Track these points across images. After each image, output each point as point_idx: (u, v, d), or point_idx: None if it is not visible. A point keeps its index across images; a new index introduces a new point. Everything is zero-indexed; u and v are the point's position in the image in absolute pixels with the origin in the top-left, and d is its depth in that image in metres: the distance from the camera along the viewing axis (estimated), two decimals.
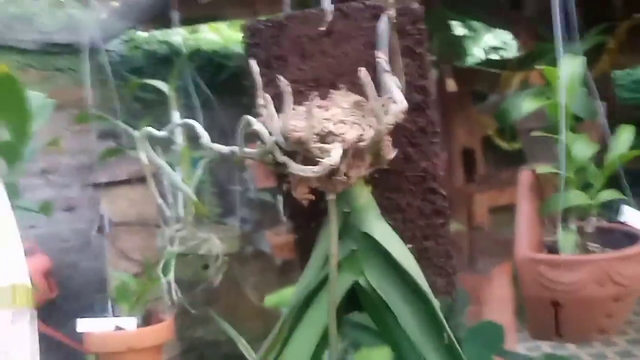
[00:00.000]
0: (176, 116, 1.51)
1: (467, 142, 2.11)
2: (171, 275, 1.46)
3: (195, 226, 1.56)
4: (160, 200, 1.08)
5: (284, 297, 1.24)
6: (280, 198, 1.76)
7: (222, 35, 2.84)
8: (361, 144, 0.53)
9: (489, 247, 1.91)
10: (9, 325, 0.30)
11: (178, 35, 2.32)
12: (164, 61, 2.34)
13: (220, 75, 2.45)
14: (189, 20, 2.30)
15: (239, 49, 2.62)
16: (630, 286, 0.82)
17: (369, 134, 0.53)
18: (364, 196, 0.58)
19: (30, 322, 0.30)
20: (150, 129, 0.60)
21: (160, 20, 2.00)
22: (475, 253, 1.95)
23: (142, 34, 2.41)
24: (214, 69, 2.45)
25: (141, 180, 1.89)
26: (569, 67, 0.99)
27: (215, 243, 1.54)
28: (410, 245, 0.61)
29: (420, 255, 0.62)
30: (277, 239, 1.98)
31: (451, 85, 2.12)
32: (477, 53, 3.68)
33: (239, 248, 2.17)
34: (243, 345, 1.24)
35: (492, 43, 3.85)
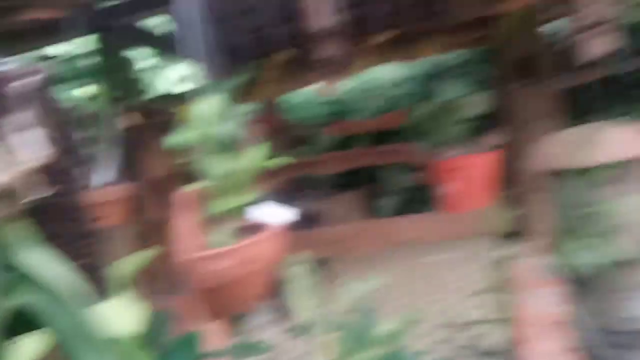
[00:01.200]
0: None
1: (158, 171, 2.27)
2: None
3: None
4: None
5: None
6: None
7: None
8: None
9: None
10: None
11: None
12: None
13: None
14: None
15: None
16: (263, 262, 1.12)
17: (6, 179, 0.64)
18: (16, 231, 0.68)
19: None
20: None
21: None
22: (172, 276, 2.10)
23: None
24: None
25: None
26: (209, 102, 1.26)
27: None
28: (75, 263, 0.74)
29: (80, 270, 0.75)
30: None
31: (135, 119, 2.26)
32: (168, 85, 3.86)
33: None
34: None
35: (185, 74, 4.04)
